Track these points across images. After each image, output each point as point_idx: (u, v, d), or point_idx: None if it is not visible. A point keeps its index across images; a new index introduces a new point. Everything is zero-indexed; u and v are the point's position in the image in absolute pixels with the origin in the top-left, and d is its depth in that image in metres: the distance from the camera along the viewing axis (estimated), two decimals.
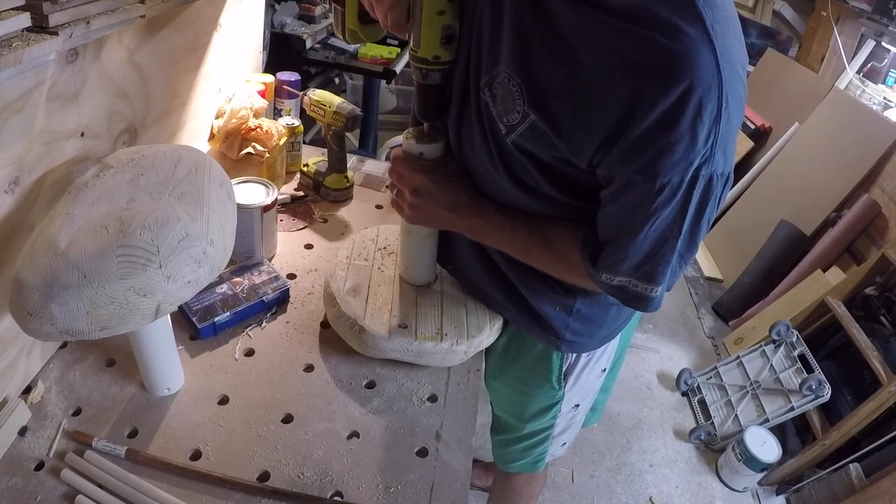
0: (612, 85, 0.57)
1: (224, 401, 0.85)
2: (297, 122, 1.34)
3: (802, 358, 2.10)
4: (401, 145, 0.84)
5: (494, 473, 1.44)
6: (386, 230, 1.10)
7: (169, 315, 0.78)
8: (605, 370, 1.05)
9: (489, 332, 0.94)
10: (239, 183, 1.08)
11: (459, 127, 0.80)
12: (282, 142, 1.28)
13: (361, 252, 1.04)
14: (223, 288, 0.99)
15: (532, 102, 0.64)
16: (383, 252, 1.05)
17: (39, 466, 0.73)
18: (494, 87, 0.68)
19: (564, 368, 0.99)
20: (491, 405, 1.20)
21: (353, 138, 2.93)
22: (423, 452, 0.83)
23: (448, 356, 0.91)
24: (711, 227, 0.73)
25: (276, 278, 1.03)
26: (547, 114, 0.64)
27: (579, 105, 0.61)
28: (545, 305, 0.90)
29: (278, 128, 1.29)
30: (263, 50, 1.54)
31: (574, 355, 0.97)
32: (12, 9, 0.59)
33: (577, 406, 1.07)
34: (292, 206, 1.28)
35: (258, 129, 1.25)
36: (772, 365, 2.16)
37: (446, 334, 0.90)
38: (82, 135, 0.81)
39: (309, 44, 2.23)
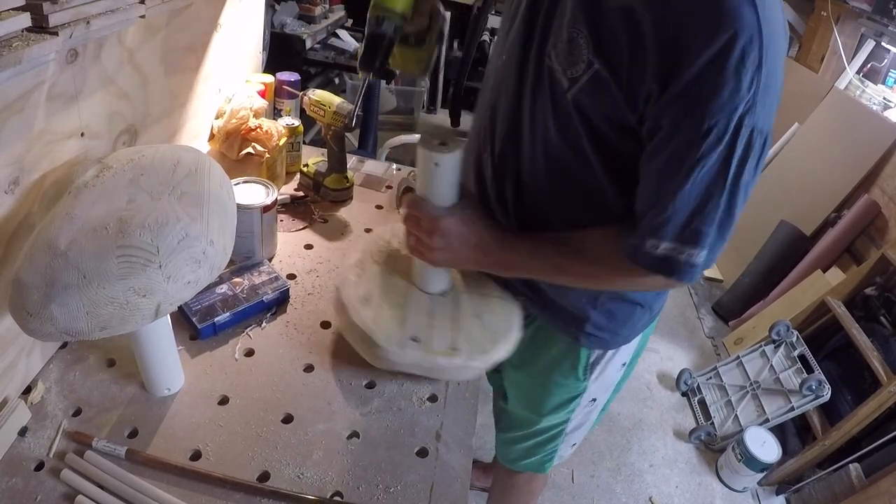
0: (665, 34, 0.62)
1: (224, 401, 0.85)
2: (297, 122, 1.34)
3: (802, 358, 2.10)
4: (408, 176, 0.84)
5: (496, 471, 1.43)
6: (399, 232, 1.05)
7: (169, 315, 0.78)
8: (624, 364, 1.04)
9: (505, 346, 0.88)
10: (239, 183, 1.08)
11: (528, 105, 0.80)
12: (282, 142, 1.28)
13: (373, 256, 0.98)
14: (223, 288, 0.99)
15: (597, 51, 0.68)
16: (395, 256, 0.99)
17: (39, 467, 0.72)
18: (559, 47, 0.72)
19: (591, 360, 0.98)
20: (503, 400, 1.18)
21: (353, 138, 2.92)
22: (423, 452, 0.83)
23: (462, 371, 0.86)
24: None
25: (276, 278, 1.03)
26: (609, 61, 0.68)
27: (636, 52, 0.65)
28: (570, 299, 0.90)
29: (278, 128, 1.29)
30: (263, 50, 1.54)
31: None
32: (12, 9, 0.59)
33: (595, 400, 1.07)
34: (292, 207, 1.28)
35: (258, 130, 1.25)
36: (772, 365, 2.16)
37: (460, 350, 0.84)
38: (82, 135, 0.81)
39: (309, 44, 2.23)
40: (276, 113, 1.48)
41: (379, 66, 0.84)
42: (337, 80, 2.91)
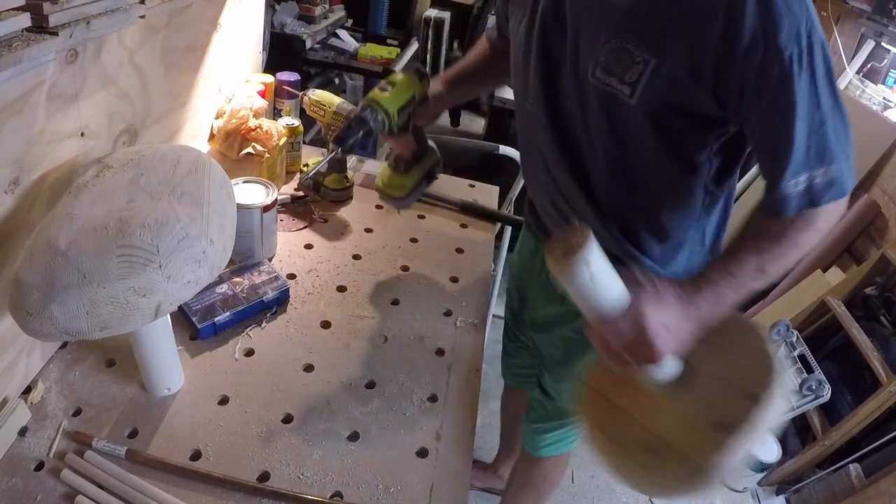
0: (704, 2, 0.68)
1: (224, 401, 0.85)
2: (297, 122, 1.34)
3: (802, 358, 2.10)
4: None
5: (519, 461, 1.45)
6: (604, 376, 0.83)
7: (169, 315, 0.78)
8: None
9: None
10: (239, 183, 1.08)
11: (581, 129, 0.86)
12: (282, 142, 1.28)
13: (610, 410, 0.78)
14: (223, 288, 0.99)
15: (648, 48, 0.73)
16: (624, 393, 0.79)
17: (39, 467, 0.72)
18: (602, 63, 0.77)
19: None
20: (542, 395, 1.19)
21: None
22: (423, 452, 0.83)
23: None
24: None
25: (276, 278, 1.03)
26: (665, 51, 0.72)
27: (685, 32, 0.70)
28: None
29: (278, 128, 1.29)
30: (263, 50, 1.54)
31: None
32: (12, 9, 0.59)
33: None
34: (292, 206, 1.28)
35: (258, 129, 1.25)
36: None
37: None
38: (82, 135, 0.81)
39: (309, 44, 2.23)
40: (276, 113, 1.48)
41: (350, 146, 0.91)
42: (337, 80, 2.91)
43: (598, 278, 0.65)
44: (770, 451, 1.94)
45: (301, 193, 1.32)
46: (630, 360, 0.71)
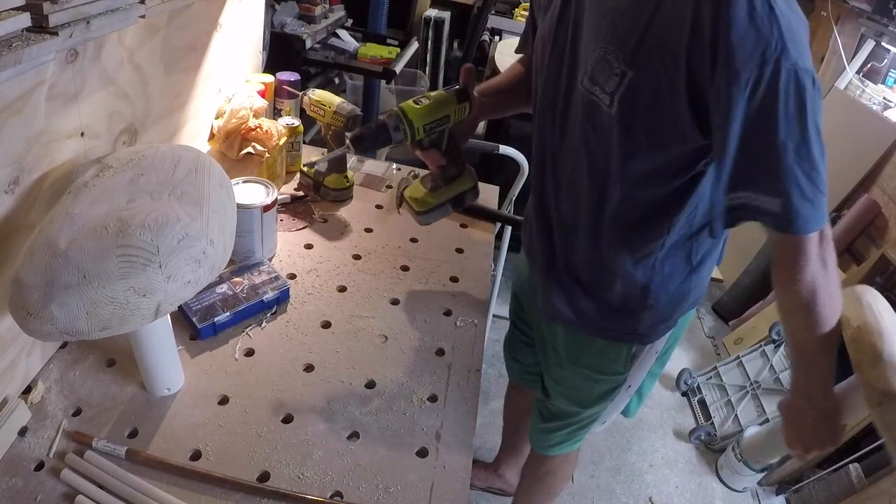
0: (678, 9, 0.67)
1: (224, 401, 0.85)
2: (297, 122, 1.34)
3: None
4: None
5: (529, 460, 1.46)
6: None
7: (169, 315, 0.78)
8: (658, 353, 1.06)
9: None
10: (239, 183, 1.08)
11: (578, 133, 0.86)
12: (282, 142, 1.28)
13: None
14: (223, 288, 0.99)
15: (625, 60, 0.73)
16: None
17: (39, 467, 0.72)
18: (589, 72, 0.78)
19: (633, 352, 1.02)
20: (543, 396, 1.20)
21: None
22: (423, 452, 0.83)
23: None
24: None
25: (276, 278, 1.03)
26: (641, 65, 0.72)
27: (660, 48, 0.70)
28: (618, 309, 0.96)
29: (278, 128, 1.29)
30: (263, 50, 1.54)
31: None
32: (12, 9, 0.59)
33: (630, 387, 1.10)
34: (292, 206, 1.28)
35: (258, 129, 1.25)
36: (772, 365, 2.16)
37: None
38: (82, 135, 0.81)
39: (309, 44, 2.23)
40: (276, 113, 1.48)
41: (364, 148, 0.90)
42: (337, 80, 2.91)
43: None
44: None
45: (301, 193, 1.32)
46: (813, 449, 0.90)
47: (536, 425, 1.27)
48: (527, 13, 3.64)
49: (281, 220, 1.21)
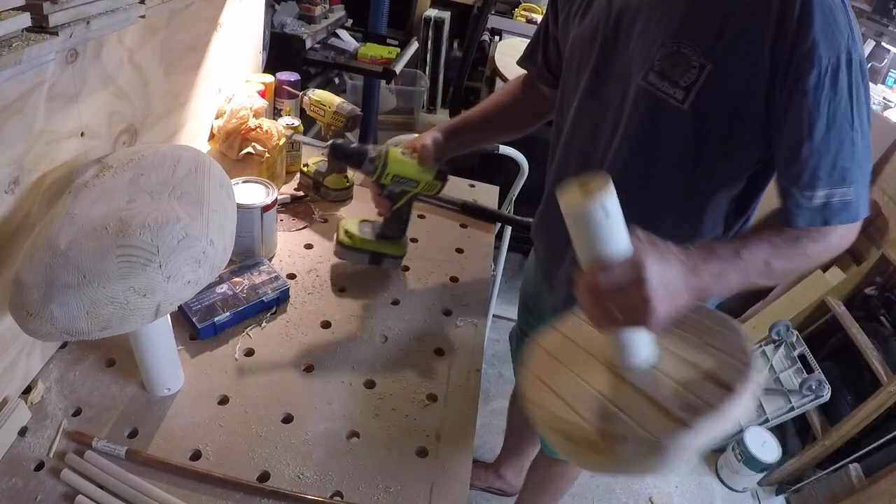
0: (761, 4, 0.70)
1: (224, 401, 0.85)
2: (297, 122, 1.34)
3: (802, 358, 2.10)
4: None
5: (534, 463, 1.46)
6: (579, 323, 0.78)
7: (169, 315, 0.78)
8: None
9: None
10: (239, 183, 1.08)
11: (634, 134, 0.85)
12: (282, 142, 1.28)
13: (553, 370, 0.72)
14: (223, 288, 0.99)
15: (704, 52, 0.74)
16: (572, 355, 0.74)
17: (39, 467, 0.72)
18: (656, 67, 0.78)
19: None
20: None
21: (352, 138, 2.92)
22: (423, 452, 0.83)
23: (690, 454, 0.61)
24: None
25: (276, 278, 1.03)
26: (721, 56, 0.73)
27: (740, 37, 0.71)
28: None
29: (278, 128, 1.29)
30: (263, 50, 1.54)
31: None
32: (12, 9, 0.59)
33: None
34: (292, 206, 1.28)
35: (258, 129, 1.25)
36: (772, 365, 2.16)
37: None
38: (82, 135, 0.81)
39: (309, 44, 2.23)
40: (276, 113, 1.48)
41: (336, 157, 1.01)
42: (337, 80, 2.91)
43: (613, 218, 0.60)
44: (770, 451, 1.94)
45: (301, 193, 1.32)
46: (618, 314, 0.62)
47: None
48: (526, 13, 3.62)
49: (281, 220, 1.21)
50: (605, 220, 0.59)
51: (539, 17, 3.38)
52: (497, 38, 3.24)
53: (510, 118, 1.14)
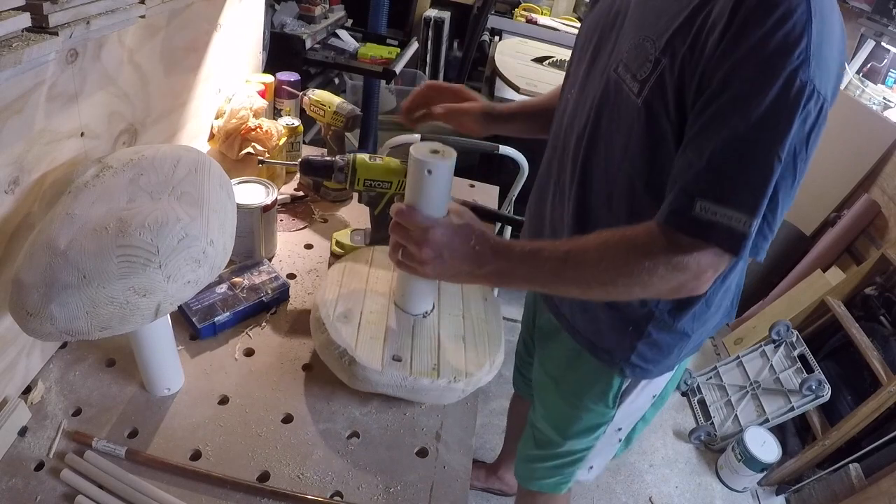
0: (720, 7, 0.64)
1: (224, 401, 0.85)
2: (297, 122, 1.34)
3: (802, 358, 2.10)
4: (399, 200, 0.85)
5: (518, 490, 1.35)
6: (381, 252, 1.03)
7: (169, 315, 0.78)
8: (655, 396, 1.00)
9: (489, 368, 0.88)
10: (239, 183, 1.08)
11: (605, 124, 0.80)
12: (282, 142, 1.28)
13: (354, 275, 0.97)
14: (223, 288, 0.99)
15: (658, 46, 0.70)
16: (377, 276, 0.98)
17: (39, 467, 0.72)
18: (623, 58, 0.75)
19: (623, 388, 0.96)
20: (531, 415, 1.16)
21: (352, 138, 2.92)
22: (423, 452, 0.83)
23: (444, 394, 0.84)
24: None
25: (276, 278, 1.03)
26: (670, 50, 0.69)
27: (683, 30, 0.67)
28: (616, 332, 0.88)
29: (278, 128, 1.29)
30: (263, 50, 1.54)
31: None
32: (12, 9, 0.59)
33: (620, 429, 1.03)
34: (292, 206, 1.28)
35: (258, 129, 1.25)
36: (772, 365, 2.16)
37: (443, 370, 0.84)
38: (82, 135, 0.81)
39: (309, 44, 2.23)
40: (276, 113, 1.48)
41: (306, 173, 1.05)
42: (337, 80, 2.91)
43: (437, 181, 0.76)
44: (770, 451, 1.94)
45: (301, 193, 1.32)
46: (400, 256, 0.77)
47: (522, 452, 1.21)
48: (526, 13, 3.63)
49: (281, 220, 1.21)
50: (429, 178, 0.76)
51: (539, 17, 3.38)
52: (497, 38, 3.24)
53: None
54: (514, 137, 1.22)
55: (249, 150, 1.25)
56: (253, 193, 1.07)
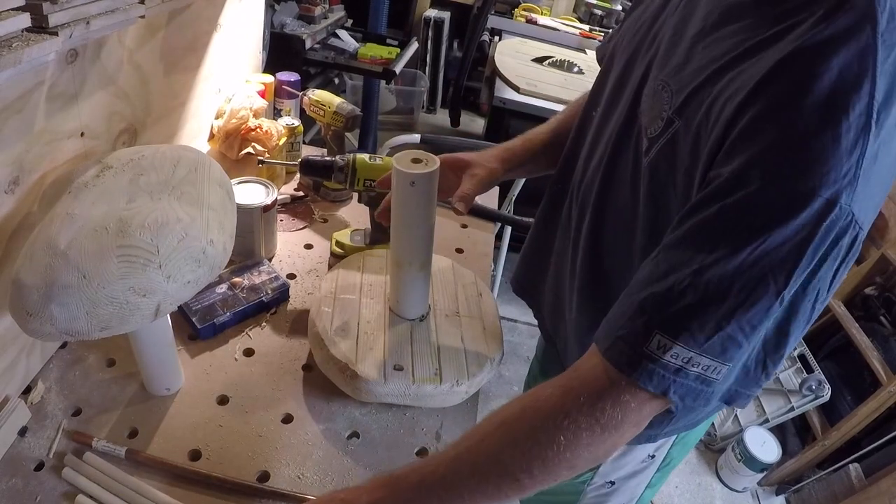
0: (749, 74, 0.49)
1: (224, 401, 0.85)
2: (297, 122, 1.34)
3: (802, 358, 2.10)
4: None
5: None
6: (371, 258, 1.04)
7: (169, 315, 0.78)
8: (652, 456, 0.86)
9: (490, 368, 0.89)
10: (239, 183, 1.08)
11: (622, 164, 0.67)
12: (282, 142, 1.28)
13: (347, 283, 0.97)
14: (223, 288, 0.99)
15: (675, 105, 0.56)
16: (370, 282, 0.98)
17: (39, 467, 0.72)
18: (646, 103, 0.62)
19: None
20: None
21: (352, 138, 2.93)
22: (423, 452, 0.83)
23: (448, 398, 0.86)
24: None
25: (276, 278, 1.03)
26: (688, 112, 0.54)
27: (710, 106, 0.52)
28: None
29: (278, 128, 1.29)
30: (263, 50, 1.54)
31: None
32: (12, 9, 0.59)
33: (613, 483, 0.90)
34: (292, 206, 1.28)
35: (258, 129, 1.25)
36: None
37: (445, 374, 0.84)
38: (82, 135, 0.81)
39: (309, 44, 2.23)
40: (276, 113, 1.48)
41: (306, 174, 1.06)
42: (337, 80, 2.91)
43: (423, 191, 0.77)
44: (770, 451, 1.94)
45: (301, 193, 1.32)
46: None
47: None
48: (526, 13, 3.62)
49: (281, 220, 1.21)
50: (411, 188, 0.76)
51: (539, 17, 3.37)
52: (497, 38, 3.24)
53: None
54: (513, 135, 1.20)
55: (249, 150, 1.25)
56: (253, 193, 1.07)
